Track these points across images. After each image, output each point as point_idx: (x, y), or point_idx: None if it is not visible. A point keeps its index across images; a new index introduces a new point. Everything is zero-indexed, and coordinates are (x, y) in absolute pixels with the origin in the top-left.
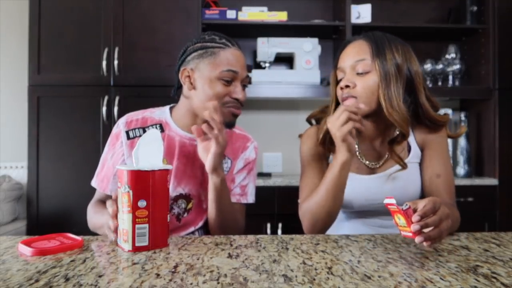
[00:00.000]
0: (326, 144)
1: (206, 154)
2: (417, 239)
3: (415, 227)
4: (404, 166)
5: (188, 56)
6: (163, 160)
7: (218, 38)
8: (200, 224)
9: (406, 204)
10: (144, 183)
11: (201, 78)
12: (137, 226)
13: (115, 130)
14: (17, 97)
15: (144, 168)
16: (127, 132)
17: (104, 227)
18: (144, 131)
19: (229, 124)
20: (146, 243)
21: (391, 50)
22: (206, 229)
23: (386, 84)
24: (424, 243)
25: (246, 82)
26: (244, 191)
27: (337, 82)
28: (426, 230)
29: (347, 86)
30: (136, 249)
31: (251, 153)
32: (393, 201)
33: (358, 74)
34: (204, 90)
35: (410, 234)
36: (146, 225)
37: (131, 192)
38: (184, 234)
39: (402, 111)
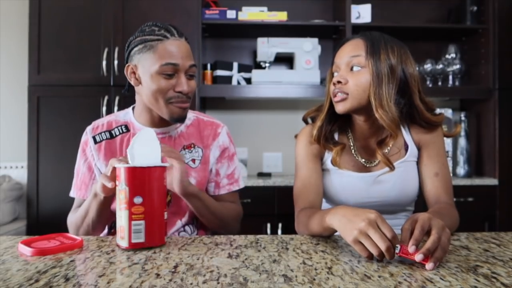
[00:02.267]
0: (321, 141)
1: (170, 178)
2: (428, 267)
3: (418, 257)
4: (391, 168)
5: (131, 52)
6: None
7: (157, 29)
8: (186, 216)
9: (397, 247)
10: (140, 180)
11: (144, 74)
12: (133, 222)
13: (83, 138)
14: (17, 97)
15: (140, 164)
16: (93, 137)
17: (90, 209)
18: (110, 134)
19: (179, 119)
20: (142, 240)
21: (386, 51)
22: (197, 224)
23: (378, 83)
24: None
25: (192, 72)
26: (234, 178)
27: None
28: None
29: (339, 82)
30: (132, 246)
31: (224, 139)
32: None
33: (351, 70)
34: (148, 85)
35: (421, 262)
36: (142, 222)
37: (127, 188)
38: (174, 230)
39: (392, 112)
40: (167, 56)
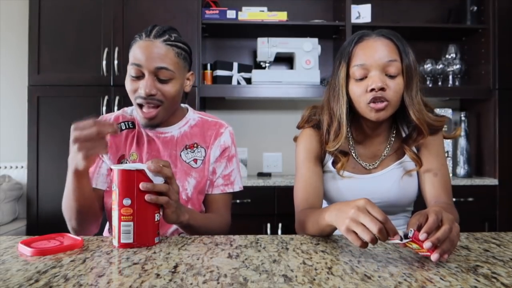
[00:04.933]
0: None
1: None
2: (433, 258)
3: (427, 244)
4: (420, 165)
5: None
6: (133, 155)
7: (142, 31)
8: None
9: (411, 231)
10: (129, 182)
11: None
12: (122, 223)
13: None
14: (17, 97)
15: (129, 167)
16: None
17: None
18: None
19: (146, 125)
20: (131, 240)
21: (409, 50)
22: None
23: (410, 86)
24: (441, 258)
25: (162, 75)
26: (229, 180)
27: (347, 78)
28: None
29: (382, 89)
30: (121, 246)
31: (226, 139)
32: (396, 241)
33: (387, 75)
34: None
35: (428, 253)
36: (131, 223)
37: (117, 190)
38: (172, 231)
39: (424, 112)
40: (133, 57)
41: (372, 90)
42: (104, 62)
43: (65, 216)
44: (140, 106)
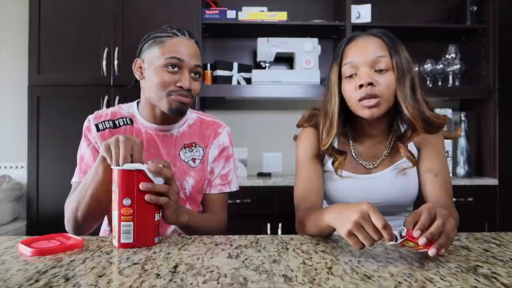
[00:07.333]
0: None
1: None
2: (431, 253)
3: (421, 240)
4: (414, 162)
5: (142, 47)
6: None
7: (169, 29)
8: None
9: (404, 229)
10: (129, 182)
11: (150, 67)
12: (122, 223)
13: (85, 124)
14: (17, 97)
15: (129, 167)
16: (96, 125)
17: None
18: (114, 123)
19: (177, 111)
20: (131, 240)
21: (401, 48)
22: None
23: (402, 82)
24: (439, 252)
25: (198, 72)
26: (227, 180)
27: (339, 78)
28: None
29: (370, 84)
30: (121, 246)
31: (224, 139)
32: (392, 242)
33: (376, 71)
34: (151, 79)
35: (424, 250)
36: (131, 223)
37: (117, 190)
38: (171, 230)
39: (416, 108)
40: (174, 51)
41: (361, 86)
42: (104, 62)
43: (69, 208)
44: (171, 95)
